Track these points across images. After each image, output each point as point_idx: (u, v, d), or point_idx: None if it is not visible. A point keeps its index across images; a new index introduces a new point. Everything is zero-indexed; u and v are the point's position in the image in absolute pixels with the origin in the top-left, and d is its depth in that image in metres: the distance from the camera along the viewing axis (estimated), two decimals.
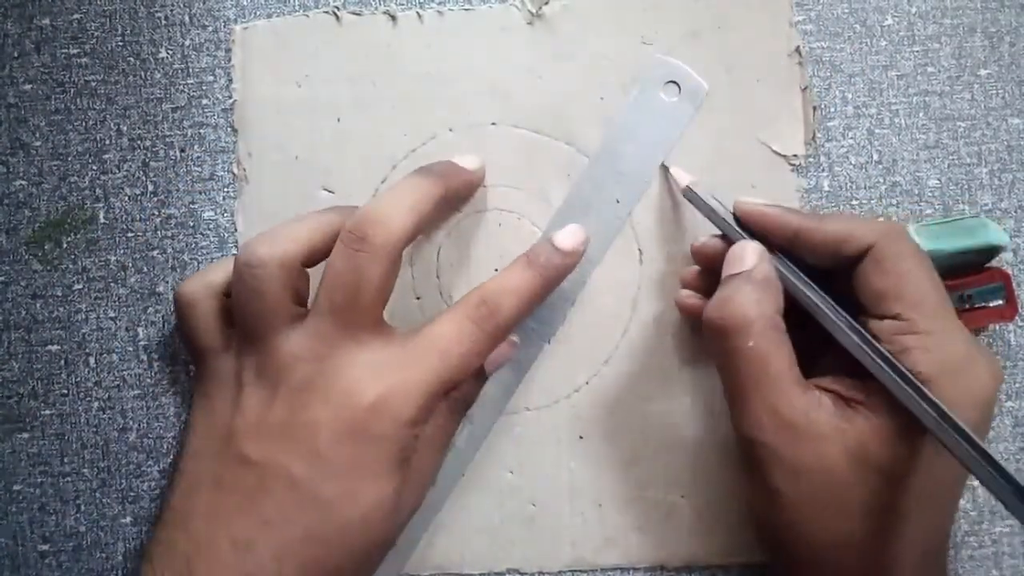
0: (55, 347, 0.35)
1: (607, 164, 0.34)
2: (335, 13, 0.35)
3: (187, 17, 0.36)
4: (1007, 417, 0.34)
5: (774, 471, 0.28)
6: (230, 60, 0.35)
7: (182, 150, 0.35)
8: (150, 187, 0.35)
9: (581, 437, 0.34)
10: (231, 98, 0.35)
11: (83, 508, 0.35)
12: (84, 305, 0.35)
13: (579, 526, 0.34)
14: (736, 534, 0.34)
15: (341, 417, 0.28)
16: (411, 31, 0.35)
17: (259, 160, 0.35)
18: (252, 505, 0.28)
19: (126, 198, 0.35)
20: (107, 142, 0.35)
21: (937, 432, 0.26)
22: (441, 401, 0.30)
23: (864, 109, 0.35)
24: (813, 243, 0.29)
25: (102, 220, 0.35)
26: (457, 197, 0.33)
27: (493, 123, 0.35)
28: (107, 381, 0.35)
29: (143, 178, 0.35)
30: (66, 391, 0.35)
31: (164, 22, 0.36)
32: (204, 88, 0.35)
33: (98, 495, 0.35)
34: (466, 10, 0.35)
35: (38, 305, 0.35)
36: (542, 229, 0.34)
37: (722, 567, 0.34)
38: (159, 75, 0.36)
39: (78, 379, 0.35)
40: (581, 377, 0.34)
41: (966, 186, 0.35)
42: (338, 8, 0.35)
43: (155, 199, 0.35)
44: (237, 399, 0.29)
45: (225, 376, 0.30)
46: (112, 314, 0.35)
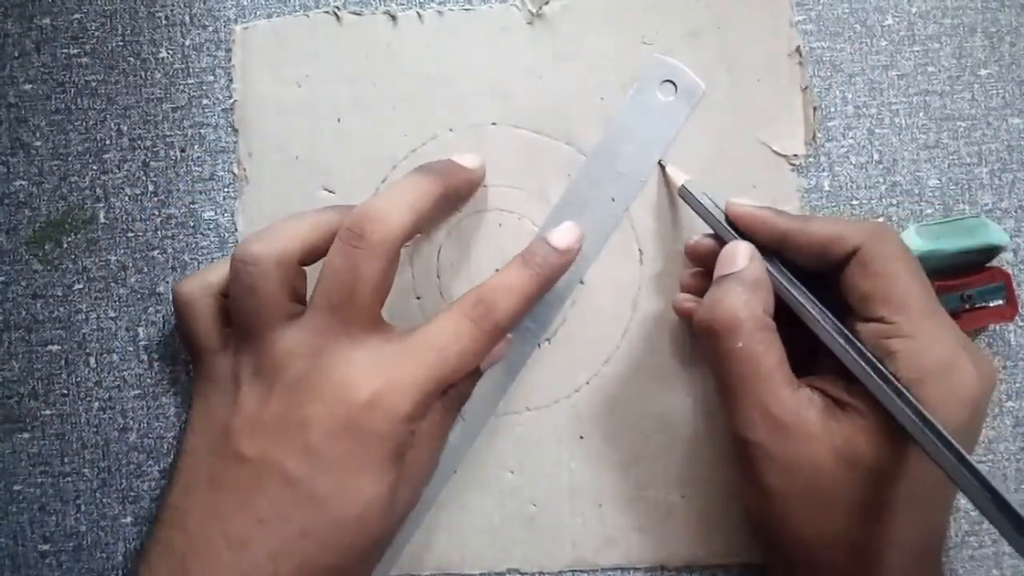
0: (55, 347, 0.35)
1: (603, 162, 0.34)
2: (335, 13, 0.35)
3: (187, 17, 0.36)
4: (1007, 417, 0.34)
5: (766, 470, 0.28)
6: (230, 60, 0.35)
7: (182, 150, 0.35)
8: (150, 187, 0.35)
9: (581, 437, 0.34)
10: (231, 98, 0.35)
11: (83, 508, 0.35)
12: (84, 305, 0.35)
13: (579, 526, 0.34)
14: (736, 534, 0.34)
15: (336, 413, 0.28)
16: (411, 31, 0.35)
17: (259, 160, 0.35)
18: (248, 503, 0.28)
19: (126, 198, 0.35)
20: (107, 142, 0.35)
21: (917, 436, 0.26)
22: (437, 399, 0.30)
23: (864, 109, 0.35)
24: (801, 245, 0.30)
25: (102, 220, 0.35)
26: (457, 196, 0.33)
27: (493, 123, 0.35)
28: (107, 381, 0.35)
29: (143, 178, 0.35)
30: (66, 391, 0.35)
31: (164, 22, 0.36)
32: (204, 88, 0.36)
33: (98, 495, 0.35)
34: (466, 10, 0.35)
35: (38, 305, 0.35)
36: None
37: (722, 567, 0.34)
38: (159, 75, 0.36)
39: (78, 379, 0.35)
40: (581, 377, 0.34)
41: (966, 186, 0.35)
42: (338, 8, 0.35)
43: (155, 199, 0.35)
44: (234, 397, 0.29)
45: (223, 375, 0.30)
46: (112, 314, 0.35)
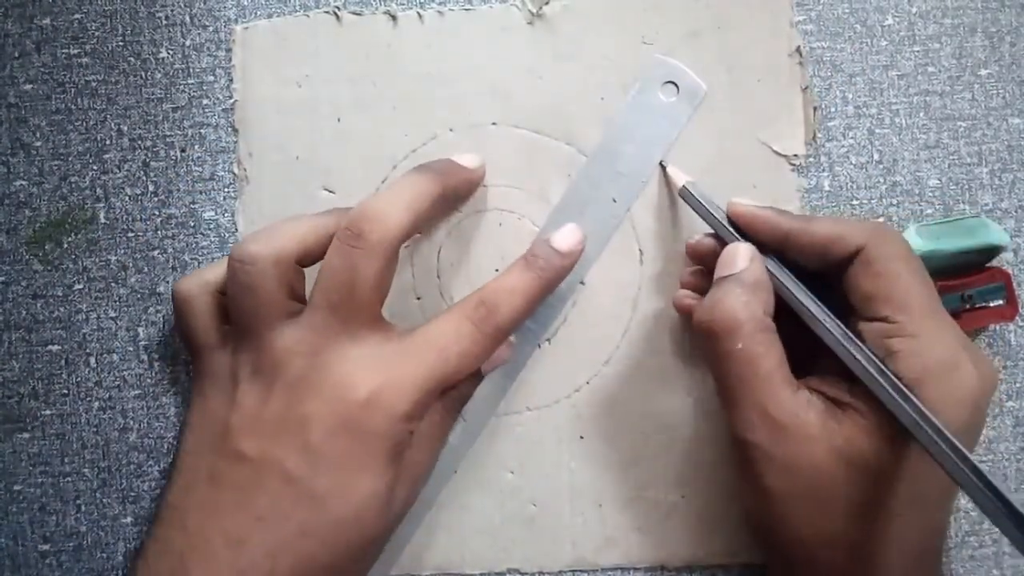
0: (56, 347, 0.35)
1: (604, 163, 0.34)
2: (335, 13, 0.35)
3: (188, 17, 0.36)
4: (1007, 417, 0.34)
5: (766, 471, 0.28)
6: (231, 60, 0.35)
7: (183, 150, 0.35)
8: (151, 187, 0.35)
9: (581, 437, 0.34)
10: (232, 98, 0.35)
11: (84, 508, 0.35)
12: (85, 305, 0.35)
13: (579, 526, 0.34)
14: (736, 534, 0.34)
15: (334, 410, 0.28)
16: (411, 31, 0.35)
17: (260, 160, 0.35)
18: (247, 501, 0.28)
19: (127, 198, 0.35)
20: (108, 142, 0.35)
21: (920, 437, 0.26)
22: (437, 399, 0.30)
23: (865, 109, 0.35)
24: (803, 245, 0.29)
25: (103, 220, 0.35)
26: (456, 195, 0.33)
27: (494, 123, 0.35)
28: (108, 381, 0.35)
29: (144, 178, 0.35)
30: (67, 391, 0.35)
31: (165, 22, 0.36)
32: (205, 88, 0.36)
33: (99, 495, 0.35)
34: (466, 10, 0.35)
35: (39, 305, 0.35)
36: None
37: (722, 567, 0.34)
38: (160, 75, 0.36)
39: (79, 379, 0.35)
40: (581, 377, 0.34)
41: (967, 186, 0.35)
42: (338, 8, 0.35)
43: (156, 199, 0.35)
44: (233, 396, 0.29)
45: (221, 373, 0.30)
46: (113, 314, 0.35)
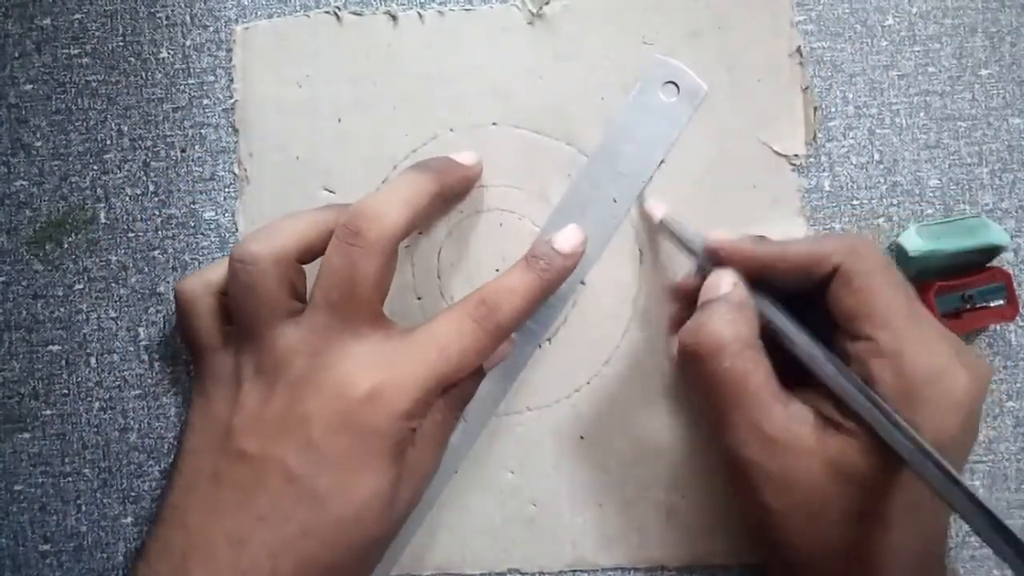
0: (56, 347, 0.35)
1: (605, 163, 0.34)
2: (336, 13, 0.35)
3: (188, 17, 0.36)
4: (1007, 417, 0.34)
5: (762, 486, 0.28)
6: (231, 60, 0.36)
7: (183, 150, 0.35)
8: (151, 187, 0.35)
9: (581, 437, 0.34)
10: (232, 98, 0.35)
11: (84, 508, 0.35)
12: (85, 305, 0.35)
13: (579, 526, 0.34)
14: (736, 534, 0.34)
15: (335, 408, 0.28)
16: (412, 31, 0.35)
17: (260, 160, 0.35)
18: (248, 500, 0.27)
19: (127, 198, 0.35)
20: (108, 142, 0.35)
21: (912, 461, 0.26)
22: (439, 398, 0.30)
23: (865, 109, 0.35)
24: (782, 271, 0.29)
25: (103, 220, 0.35)
26: (454, 193, 0.33)
27: (494, 123, 0.35)
28: (108, 381, 0.35)
29: (144, 178, 0.35)
30: (67, 391, 0.35)
31: (165, 22, 0.36)
32: (205, 88, 0.36)
33: (99, 495, 0.35)
34: (467, 10, 0.35)
35: (39, 305, 0.35)
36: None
37: (722, 567, 0.34)
38: (160, 75, 0.36)
39: (79, 379, 0.35)
40: (581, 377, 0.34)
41: (967, 186, 0.35)
42: (339, 8, 0.35)
43: (156, 199, 0.35)
44: (235, 396, 0.29)
45: (223, 373, 0.30)
46: (113, 314, 0.35)
